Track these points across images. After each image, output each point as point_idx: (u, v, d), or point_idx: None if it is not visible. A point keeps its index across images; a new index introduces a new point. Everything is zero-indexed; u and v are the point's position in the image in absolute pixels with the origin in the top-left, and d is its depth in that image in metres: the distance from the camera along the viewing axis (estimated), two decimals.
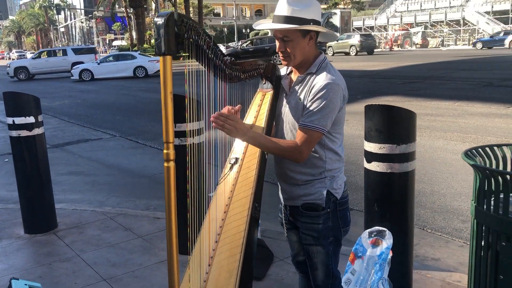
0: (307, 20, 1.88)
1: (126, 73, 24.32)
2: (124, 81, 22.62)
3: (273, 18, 1.94)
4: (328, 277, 2.12)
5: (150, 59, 25.19)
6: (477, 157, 2.34)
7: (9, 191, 5.68)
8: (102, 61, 25.31)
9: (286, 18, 1.89)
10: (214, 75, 1.90)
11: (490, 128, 7.90)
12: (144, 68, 24.60)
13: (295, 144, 1.90)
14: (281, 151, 1.92)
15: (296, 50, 1.93)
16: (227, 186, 2.10)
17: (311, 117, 1.89)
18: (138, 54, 27.38)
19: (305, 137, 1.89)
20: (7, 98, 4.04)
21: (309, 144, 1.90)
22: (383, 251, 2.56)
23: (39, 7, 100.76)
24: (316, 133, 1.89)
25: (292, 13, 1.88)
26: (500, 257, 2.07)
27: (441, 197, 4.91)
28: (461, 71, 17.98)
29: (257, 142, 1.90)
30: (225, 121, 1.78)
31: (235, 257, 1.86)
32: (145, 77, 24.34)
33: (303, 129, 1.90)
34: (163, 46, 1.57)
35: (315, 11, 1.92)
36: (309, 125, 1.89)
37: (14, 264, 3.60)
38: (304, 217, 2.07)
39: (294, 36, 1.91)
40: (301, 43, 1.93)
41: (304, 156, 1.91)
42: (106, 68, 24.58)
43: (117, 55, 26.45)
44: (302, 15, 1.88)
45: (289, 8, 1.89)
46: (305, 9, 1.89)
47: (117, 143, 8.70)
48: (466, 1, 49.44)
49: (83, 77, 24.13)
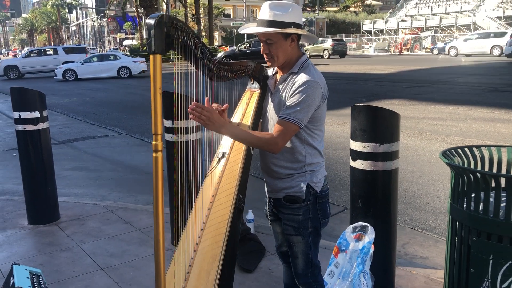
0: (288, 24, 2.02)
1: (110, 73, 24.21)
2: (132, 80, 22.87)
3: (257, 22, 2.08)
4: (308, 265, 2.25)
5: (134, 60, 25.16)
6: (456, 157, 2.45)
7: (15, 184, 5.86)
8: (86, 61, 25.03)
9: (268, 22, 2.03)
10: (203, 73, 2.03)
11: (491, 132, 7.96)
12: (128, 68, 24.52)
13: (271, 136, 2.02)
14: (257, 142, 2.04)
15: (279, 51, 2.06)
16: (214, 178, 2.24)
17: (288, 110, 2.01)
18: (122, 54, 27.33)
19: (281, 129, 2.01)
20: (14, 93, 4.20)
21: (285, 136, 2.02)
22: (365, 245, 2.69)
23: (52, 6, 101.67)
24: (292, 125, 2.01)
25: (274, 17, 2.02)
26: (471, 251, 2.18)
27: (435, 198, 5.01)
28: (468, 76, 17.99)
29: (233, 134, 2.02)
30: (201, 112, 1.88)
31: (218, 244, 1.99)
32: (129, 77, 24.26)
33: (279, 121, 2.03)
34: (153, 45, 1.71)
35: (296, 15, 2.05)
36: (285, 117, 2.01)
37: (17, 252, 3.76)
38: (286, 209, 2.19)
39: (277, 39, 2.04)
40: (283, 45, 2.06)
41: (280, 147, 2.03)
42: (90, 68, 24.45)
43: (101, 55, 26.26)
44: (283, 19, 2.02)
45: (271, 12, 2.02)
46: (286, 14, 2.02)
47: (123, 140, 8.87)
48: (477, 6, 49.25)
49: (67, 77, 23.94)
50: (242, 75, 2.25)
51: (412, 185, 5.44)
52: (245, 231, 3.70)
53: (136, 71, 24.58)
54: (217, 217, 2.09)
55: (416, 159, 6.47)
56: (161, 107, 1.77)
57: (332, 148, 7.20)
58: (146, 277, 3.29)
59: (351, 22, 72.83)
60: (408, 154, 6.68)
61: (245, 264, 3.39)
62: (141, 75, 24.73)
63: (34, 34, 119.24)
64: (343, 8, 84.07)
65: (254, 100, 2.28)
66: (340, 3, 74.34)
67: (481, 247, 2.13)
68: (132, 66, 24.63)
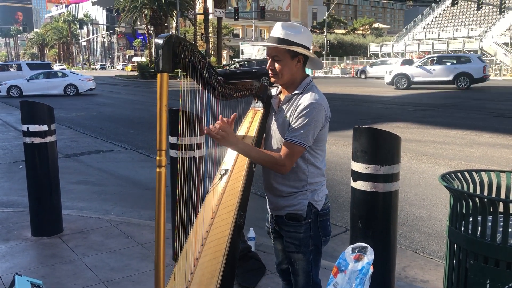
0: (297, 44, 2.10)
1: (57, 91, 23.84)
2: (140, 96, 23.08)
3: (269, 38, 2.16)
4: (308, 283, 2.27)
5: (82, 77, 24.86)
6: (455, 181, 2.48)
7: (20, 196, 5.92)
8: (32, 78, 24.15)
9: (279, 39, 2.11)
10: (208, 92, 2.09)
11: (495, 158, 7.97)
12: (75, 86, 24.24)
13: (279, 157, 2.09)
14: (266, 162, 2.11)
15: (284, 69, 2.14)
16: (216, 194, 2.28)
17: (295, 133, 2.07)
18: (70, 72, 27.02)
19: (288, 151, 2.07)
20: (24, 107, 4.28)
21: (292, 157, 2.08)
22: (364, 266, 2.70)
23: (63, 21, 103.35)
24: (298, 147, 2.07)
25: (285, 36, 2.10)
26: (468, 275, 2.19)
27: (437, 222, 5.01)
28: (474, 101, 18.04)
29: (245, 152, 2.10)
30: (217, 131, 1.99)
31: (218, 259, 2.02)
32: (76, 95, 24.00)
33: (286, 143, 2.09)
34: (161, 64, 1.78)
35: (306, 38, 2.13)
36: (292, 139, 2.07)
37: (19, 264, 3.79)
38: (287, 226, 2.23)
39: (284, 57, 2.12)
40: (289, 64, 2.13)
41: (287, 168, 2.10)
42: (35, 85, 23.79)
43: (48, 73, 25.48)
44: (293, 39, 2.10)
45: (283, 31, 2.11)
46: (297, 35, 2.11)
47: (128, 155, 8.94)
48: (484, 32, 49.56)
49: (11, 93, 23.33)
50: (246, 94, 2.31)
51: (415, 208, 5.45)
52: (246, 249, 3.72)
53: (84, 89, 24.35)
54: (218, 233, 2.12)
55: (420, 183, 6.48)
56: (166, 124, 1.82)
57: (336, 169, 7.22)
58: None
59: (358, 44, 73.48)
60: (411, 177, 6.69)
61: (245, 282, 3.40)
62: (89, 92, 24.55)
63: (45, 49, 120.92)
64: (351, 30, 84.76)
65: (258, 119, 2.33)
66: (348, 26, 74.99)
67: (478, 270, 2.15)
68: (79, 84, 24.26)
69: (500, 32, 47.87)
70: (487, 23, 52.01)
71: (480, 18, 53.72)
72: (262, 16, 45.72)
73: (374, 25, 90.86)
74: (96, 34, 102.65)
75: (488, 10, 53.11)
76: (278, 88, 2.31)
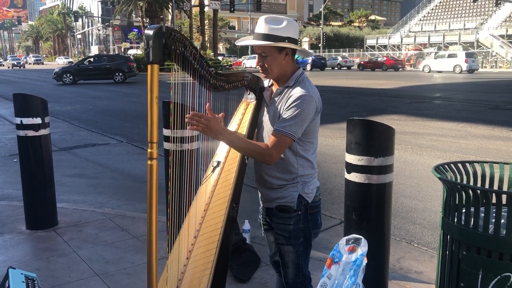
0: (282, 38, 2.07)
1: None
2: (135, 89, 22.98)
3: (254, 35, 2.13)
4: (298, 276, 2.27)
5: None
6: (448, 172, 2.48)
7: (15, 190, 5.90)
8: None
9: (263, 35, 2.08)
10: (200, 84, 2.07)
11: (490, 150, 7.99)
12: None
13: (266, 146, 2.07)
14: (253, 152, 2.08)
15: (273, 64, 2.11)
16: (209, 187, 2.27)
17: (284, 123, 2.06)
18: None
19: (276, 141, 2.05)
20: (17, 99, 4.25)
21: (279, 148, 2.06)
22: (358, 257, 2.71)
23: (58, 14, 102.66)
24: (286, 138, 2.05)
25: (269, 31, 2.07)
26: (461, 266, 2.20)
27: (432, 213, 5.02)
28: (470, 93, 18.07)
29: (230, 142, 2.06)
30: (199, 120, 1.93)
31: (211, 251, 2.02)
32: None
33: (275, 133, 2.07)
34: (151, 55, 1.76)
35: (291, 29, 2.10)
36: (280, 130, 2.05)
37: (14, 257, 3.78)
38: (278, 218, 2.23)
39: (270, 52, 2.09)
40: (277, 58, 2.11)
41: (274, 159, 2.07)
42: None
43: None
44: (278, 33, 2.06)
45: (266, 26, 2.08)
46: (281, 28, 2.07)
47: (123, 148, 8.91)
48: (480, 24, 49.58)
49: None
50: (238, 86, 2.29)
51: (410, 200, 5.46)
52: (241, 241, 3.72)
53: None
54: (211, 225, 2.12)
55: (415, 174, 6.49)
56: (157, 116, 1.81)
57: (331, 162, 7.22)
58: (141, 284, 3.30)
59: (355, 36, 73.38)
60: (406, 169, 6.70)
61: (240, 274, 3.41)
62: None
63: (40, 41, 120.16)
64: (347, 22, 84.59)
65: (250, 111, 2.32)
66: (344, 18, 74.79)
67: (470, 261, 2.15)
68: None
69: (496, 24, 47.91)
70: (483, 15, 52.04)
71: (476, 10, 53.73)
72: (258, 8, 45.39)
73: (371, 17, 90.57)
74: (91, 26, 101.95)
75: (484, 2, 53.10)
76: (270, 80, 2.29)
